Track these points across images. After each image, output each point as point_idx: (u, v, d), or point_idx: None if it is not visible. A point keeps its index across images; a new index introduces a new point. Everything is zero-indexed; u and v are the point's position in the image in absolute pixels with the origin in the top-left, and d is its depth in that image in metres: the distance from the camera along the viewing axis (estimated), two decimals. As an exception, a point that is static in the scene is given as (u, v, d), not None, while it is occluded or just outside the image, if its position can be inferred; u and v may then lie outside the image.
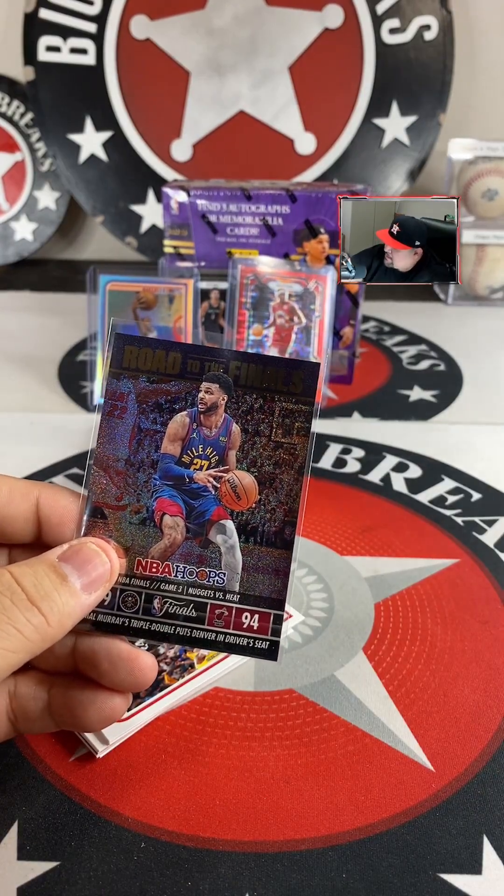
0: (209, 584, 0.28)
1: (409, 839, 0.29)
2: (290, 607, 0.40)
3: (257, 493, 0.28)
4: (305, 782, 0.31)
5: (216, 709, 0.35)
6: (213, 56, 1.03)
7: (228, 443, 0.29)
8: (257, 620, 0.28)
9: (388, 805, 0.30)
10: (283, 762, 0.32)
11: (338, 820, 0.30)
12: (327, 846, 0.29)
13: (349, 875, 0.28)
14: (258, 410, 0.29)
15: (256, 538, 0.28)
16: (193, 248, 0.70)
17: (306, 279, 0.65)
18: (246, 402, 0.29)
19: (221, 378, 0.29)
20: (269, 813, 0.30)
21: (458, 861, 0.28)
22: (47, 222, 1.14)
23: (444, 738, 0.33)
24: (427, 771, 0.32)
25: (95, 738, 0.32)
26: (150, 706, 0.34)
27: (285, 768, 0.32)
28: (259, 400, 0.29)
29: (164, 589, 0.28)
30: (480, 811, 0.30)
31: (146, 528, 0.29)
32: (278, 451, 0.29)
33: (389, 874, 0.28)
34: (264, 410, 0.29)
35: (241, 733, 0.33)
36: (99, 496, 0.29)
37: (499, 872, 0.28)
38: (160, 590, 0.28)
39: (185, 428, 0.29)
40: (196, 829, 0.29)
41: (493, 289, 0.96)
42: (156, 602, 0.28)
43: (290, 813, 0.30)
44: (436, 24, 1.01)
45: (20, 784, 0.31)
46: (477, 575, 0.44)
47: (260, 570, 0.28)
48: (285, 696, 0.35)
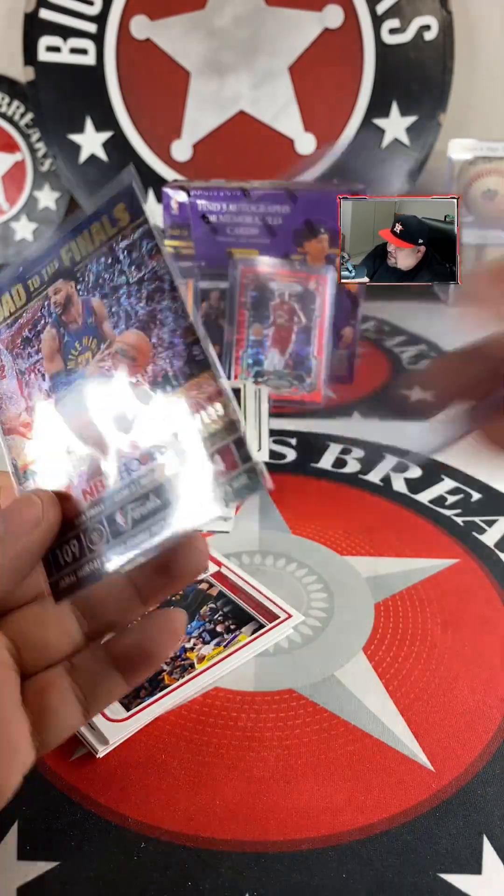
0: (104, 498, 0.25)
1: (409, 839, 0.29)
2: (290, 607, 0.40)
3: (148, 340, 0.25)
4: (305, 782, 0.31)
5: (216, 709, 0.35)
6: (214, 56, 1.03)
7: (96, 319, 0.26)
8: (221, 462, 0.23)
9: (388, 805, 0.30)
10: (283, 762, 0.32)
11: (338, 820, 0.30)
12: (327, 846, 0.29)
13: (349, 875, 0.28)
14: (106, 269, 0.26)
15: (172, 381, 0.24)
16: (193, 248, 0.70)
17: (306, 279, 0.65)
18: (92, 271, 0.27)
19: (57, 271, 0.27)
20: (270, 813, 0.30)
21: (457, 861, 0.28)
22: (47, 222, 1.14)
23: (444, 738, 0.33)
24: (427, 771, 0.32)
25: (95, 737, 0.32)
26: (151, 706, 0.34)
27: (285, 768, 0.32)
28: (102, 260, 0.26)
29: (91, 512, 0.26)
30: (480, 811, 0.30)
31: (71, 457, 0.26)
32: (143, 286, 0.26)
33: (389, 874, 0.28)
34: (111, 264, 0.26)
35: (241, 733, 0.33)
36: (22, 459, 0.27)
37: (499, 872, 0.28)
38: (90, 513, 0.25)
39: (56, 338, 0.27)
40: (196, 828, 0.29)
41: (493, 289, 0.96)
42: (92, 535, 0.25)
43: (290, 813, 0.30)
44: (436, 24, 1.01)
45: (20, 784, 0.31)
46: (477, 575, 0.44)
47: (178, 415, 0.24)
48: (285, 696, 0.35)
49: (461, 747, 0.33)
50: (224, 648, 0.37)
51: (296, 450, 0.60)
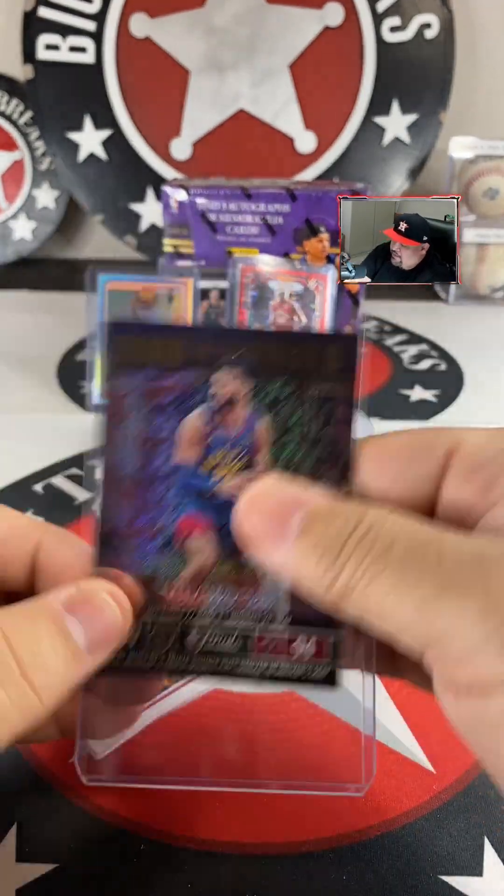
0: (253, 609, 0.24)
1: (410, 841, 0.29)
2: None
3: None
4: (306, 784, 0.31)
5: (216, 710, 0.35)
6: (213, 54, 1.03)
7: (256, 439, 0.24)
8: (312, 645, 0.24)
9: (388, 807, 0.30)
10: (283, 764, 0.32)
11: (338, 822, 0.30)
12: (328, 848, 0.29)
13: (350, 877, 0.28)
14: (288, 400, 0.24)
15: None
16: (193, 247, 0.69)
17: (306, 278, 0.65)
18: (271, 390, 0.24)
19: (238, 365, 0.24)
20: (270, 815, 0.30)
21: (458, 863, 0.28)
22: (46, 221, 1.14)
23: (445, 739, 0.33)
24: (427, 772, 0.32)
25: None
26: (150, 707, 0.33)
27: (285, 770, 0.32)
28: (287, 387, 0.24)
29: (198, 622, 0.24)
30: (481, 813, 0.30)
31: (169, 553, 0.24)
32: (317, 447, 0.24)
33: (390, 876, 0.28)
34: (295, 399, 0.24)
35: (240, 735, 0.33)
36: (108, 520, 0.24)
37: (500, 874, 0.28)
38: (194, 623, 0.24)
39: (200, 431, 0.24)
40: (196, 830, 0.29)
41: (494, 288, 0.96)
42: (191, 637, 0.24)
43: (290, 815, 0.30)
44: (437, 22, 1.01)
45: (19, 785, 0.31)
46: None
47: None
48: (286, 698, 0.35)
49: (462, 749, 0.33)
50: (224, 649, 0.37)
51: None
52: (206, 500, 0.24)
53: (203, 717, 0.34)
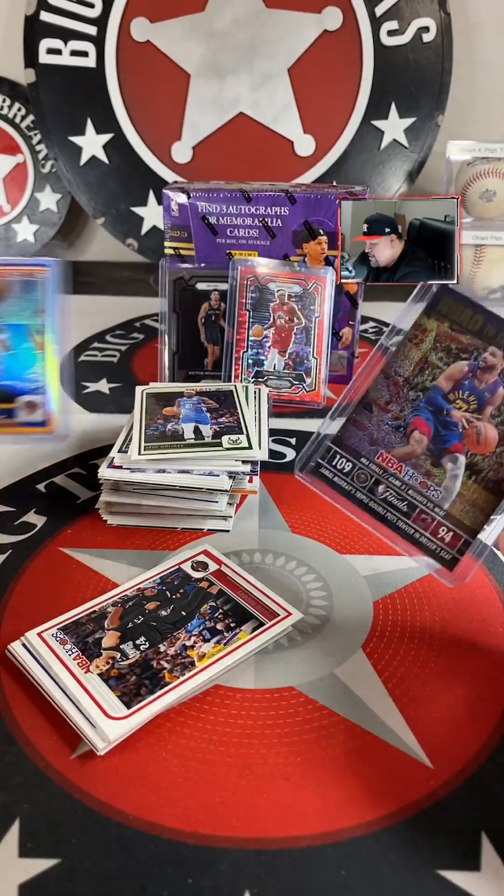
0: (427, 493, 0.37)
1: (408, 836, 0.29)
2: (290, 605, 0.40)
3: (495, 446, 0.36)
4: (305, 780, 0.31)
5: (216, 706, 0.35)
6: (213, 58, 1.04)
7: (491, 399, 0.36)
8: (451, 536, 0.37)
9: (387, 802, 0.30)
10: (282, 759, 0.32)
11: (337, 817, 0.30)
12: (327, 843, 0.29)
13: (349, 872, 0.28)
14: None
15: (478, 479, 0.36)
16: (193, 250, 0.70)
17: (306, 280, 0.65)
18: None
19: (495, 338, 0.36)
20: (269, 810, 0.30)
21: (456, 858, 0.28)
22: (49, 224, 1.15)
23: (443, 735, 0.33)
24: (426, 768, 0.32)
25: (96, 735, 0.32)
26: (151, 704, 0.34)
27: (285, 766, 0.32)
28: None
29: (391, 481, 0.37)
30: (479, 808, 0.30)
31: (398, 432, 0.38)
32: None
33: (389, 871, 0.28)
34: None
35: (241, 731, 0.34)
36: (374, 394, 0.38)
37: (497, 869, 0.28)
38: (388, 481, 0.37)
39: (463, 373, 0.37)
40: (196, 826, 0.29)
41: (491, 289, 0.97)
42: (381, 487, 0.37)
43: (290, 810, 0.30)
44: (434, 25, 1.02)
45: (21, 781, 0.31)
46: (476, 574, 0.44)
47: (469, 503, 0.36)
48: (285, 694, 0.36)
49: (460, 745, 0.33)
50: (224, 646, 0.37)
51: (296, 449, 0.60)
52: (438, 416, 0.37)
53: (203, 712, 0.34)
